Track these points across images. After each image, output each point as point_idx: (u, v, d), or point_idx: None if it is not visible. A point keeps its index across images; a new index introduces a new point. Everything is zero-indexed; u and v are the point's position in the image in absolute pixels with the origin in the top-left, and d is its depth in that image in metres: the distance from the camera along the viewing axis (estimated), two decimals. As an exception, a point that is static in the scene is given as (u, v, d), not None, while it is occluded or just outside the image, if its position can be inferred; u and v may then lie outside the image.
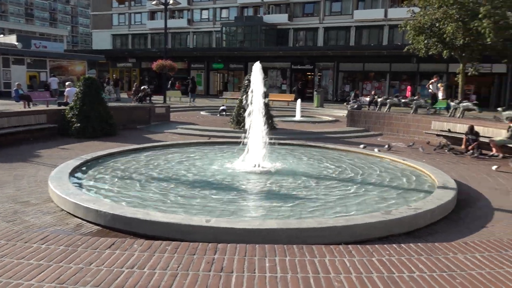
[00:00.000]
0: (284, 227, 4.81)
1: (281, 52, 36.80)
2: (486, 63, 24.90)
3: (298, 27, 43.22)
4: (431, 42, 22.21)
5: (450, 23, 20.40)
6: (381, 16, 38.82)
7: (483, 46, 20.99)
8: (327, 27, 41.70)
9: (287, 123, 17.68)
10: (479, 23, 19.44)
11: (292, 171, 8.28)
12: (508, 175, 8.86)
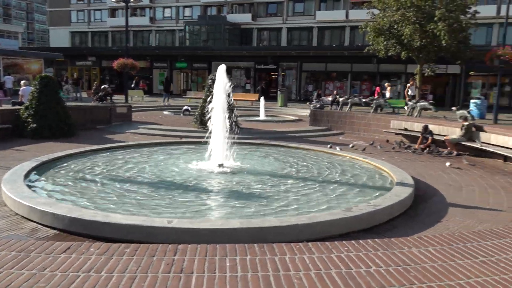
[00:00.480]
0: (247, 226, 4.81)
1: (245, 52, 36.86)
2: (441, 64, 25.92)
3: (262, 27, 43.42)
4: (390, 43, 22.90)
5: (407, 25, 21.11)
6: (343, 18, 39.62)
7: (438, 48, 21.85)
8: (290, 27, 42.12)
9: (251, 122, 17.74)
10: (434, 26, 20.25)
11: (255, 170, 8.31)
12: (461, 172, 9.26)
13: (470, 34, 22.80)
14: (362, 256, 2.70)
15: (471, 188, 7.83)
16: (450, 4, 21.14)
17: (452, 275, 2.46)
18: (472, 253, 2.82)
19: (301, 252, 2.74)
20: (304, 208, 5.97)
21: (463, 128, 11.74)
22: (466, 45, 22.24)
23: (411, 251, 2.82)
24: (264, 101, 21.17)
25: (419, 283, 2.34)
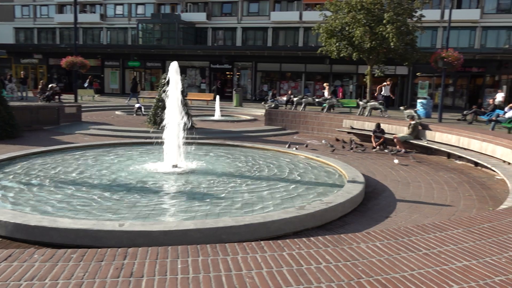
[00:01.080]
0: (201, 227, 4.78)
1: (199, 51, 36.54)
2: (390, 65, 26.91)
3: (217, 26, 43.22)
4: (342, 44, 23.49)
5: (358, 27, 21.76)
6: (297, 19, 40.20)
7: (387, 50, 22.68)
8: (245, 27, 42.21)
9: (206, 122, 17.63)
10: (383, 28, 21.00)
11: (210, 170, 8.27)
12: (409, 168, 9.67)
13: (416, 37, 23.82)
14: (312, 253, 2.76)
15: (417, 184, 8.20)
16: (398, 8, 22.00)
17: (397, 268, 2.57)
18: (416, 246, 2.95)
19: (254, 251, 2.75)
20: (259, 207, 6.01)
21: (410, 127, 12.26)
22: (413, 47, 23.22)
23: (360, 246, 2.91)
24: (219, 100, 21.10)
25: (366, 277, 2.42)
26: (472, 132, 11.09)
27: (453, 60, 19.28)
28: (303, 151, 10.67)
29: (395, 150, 11.77)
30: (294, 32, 41.14)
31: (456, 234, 3.26)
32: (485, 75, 32.32)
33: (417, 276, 2.46)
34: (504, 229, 3.42)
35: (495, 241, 3.10)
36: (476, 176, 9.22)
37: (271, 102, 23.28)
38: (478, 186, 8.28)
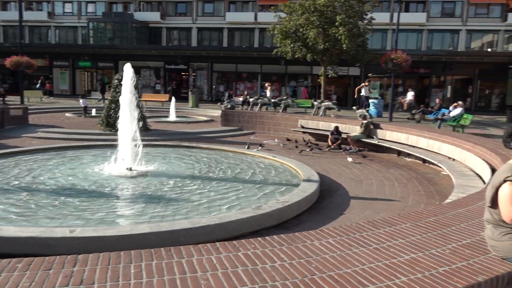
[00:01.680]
0: (157, 231, 4.70)
1: (154, 51, 35.86)
2: (343, 66, 27.63)
3: (171, 26, 42.58)
4: (296, 46, 23.83)
5: (312, 29, 22.16)
6: (252, 19, 40.37)
7: (340, 51, 23.24)
8: (200, 27, 41.87)
9: (162, 123, 17.34)
10: (336, 30, 21.52)
11: (166, 172, 8.15)
12: (362, 166, 9.98)
13: (367, 38, 24.59)
14: (268, 252, 2.78)
15: (370, 181, 8.47)
16: (349, 10, 22.62)
17: (349, 263, 2.65)
18: (367, 241, 3.06)
19: (209, 253, 2.74)
20: (216, 208, 5.99)
21: (362, 126, 12.65)
22: (364, 49, 23.95)
23: (313, 243, 2.97)
24: (175, 101, 20.82)
25: (319, 273, 2.48)
26: (420, 131, 11.60)
27: (401, 61, 20.08)
28: (259, 151, 10.74)
29: (349, 149, 12.10)
30: (249, 33, 41.30)
31: (405, 228, 3.40)
32: (432, 75, 33.91)
33: (367, 270, 2.54)
34: (448, 222, 3.61)
35: (440, 234, 3.27)
36: (424, 172, 9.66)
37: (227, 102, 23.26)
38: (426, 182, 8.68)
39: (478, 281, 2.46)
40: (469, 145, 9.11)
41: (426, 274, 2.52)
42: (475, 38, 38.28)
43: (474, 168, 8.23)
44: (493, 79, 32.66)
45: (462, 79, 34.09)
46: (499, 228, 2.81)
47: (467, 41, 38.01)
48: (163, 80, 37.14)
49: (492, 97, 34.12)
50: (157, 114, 20.87)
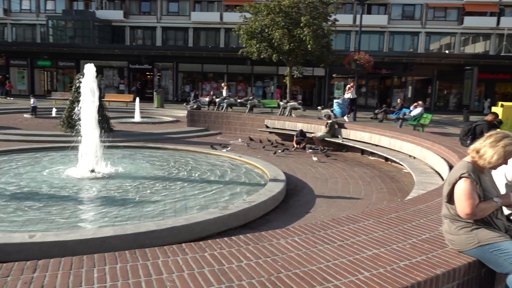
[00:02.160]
0: (121, 233, 4.61)
1: (117, 51, 35.07)
2: (308, 66, 27.99)
3: (135, 25, 41.78)
4: (262, 46, 23.96)
5: (277, 29, 22.34)
6: (217, 19, 40.24)
7: (305, 52, 23.56)
8: (165, 26, 41.32)
9: (126, 124, 17.00)
10: (301, 31, 21.79)
11: (130, 174, 8.00)
12: (327, 165, 10.15)
13: (331, 40, 25.05)
14: (234, 252, 2.79)
15: (335, 180, 8.63)
16: (314, 12, 22.97)
17: (314, 260, 2.69)
18: (331, 238, 3.12)
19: (175, 254, 2.72)
20: (182, 209, 5.94)
21: (327, 126, 12.87)
22: (328, 50, 24.37)
23: (279, 242, 3.00)
24: (139, 102, 20.45)
25: (285, 271, 2.51)
26: (382, 130, 11.92)
27: (364, 62, 20.57)
28: (225, 152, 10.72)
29: (314, 148, 12.27)
30: (215, 33, 41.13)
31: (368, 225, 3.49)
32: (393, 76, 34.92)
33: (332, 267, 2.60)
34: (409, 218, 3.73)
35: (401, 230, 3.38)
36: (386, 170, 9.93)
37: (193, 103, 23.08)
38: (388, 179, 8.93)
39: (436, 273, 2.56)
40: (429, 143, 9.44)
41: (388, 268, 2.60)
42: (434, 40, 39.73)
43: (433, 165, 8.54)
44: (450, 80, 34.00)
45: (422, 79, 35.32)
46: (456, 223, 2.93)
47: (426, 43, 39.39)
48: (127, 80, 36.42)
49: (450, 97, 35.52)
50: (121, 115, 20.45)
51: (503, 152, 2.79)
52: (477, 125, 9.22)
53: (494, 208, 2.83)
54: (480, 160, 2.87)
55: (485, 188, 2.88)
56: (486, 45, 38.96)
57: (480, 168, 2.92)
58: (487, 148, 2.83)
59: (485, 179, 2.95)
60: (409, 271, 2.57)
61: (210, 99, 24.34)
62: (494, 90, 33.66)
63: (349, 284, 2.37)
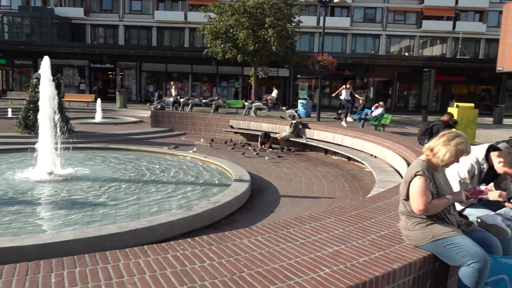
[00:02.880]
0: (82, 237, 4.49)
1: (77, 49, 34.05)
2: (273, 67, 28.20)
3: (96, 23, 40.73)
4: (227, 46, 23.92)
5: (242, 30, 22.36)
6: (182, 19, 39.84)
7: (270, 53, 23.70)
8: (127, 25, 40.50)
9: (87, 125, 16.55)
10: (265, 32, 21.91)
11: (91, 176, 7.80)
12: (291, 165, 10.27)
13: (295, 41, 25.34)
14: (197, 253, 2.79)
15: (299, 179, 8.75)
16: (278, 13, 23.16)
17: (277, 259, 2.73)
18: (293, 237, 3.17)
19: (136, 257, 2.69)
20: (146, 211, 5.85)
21: (291, 126, 13.02)
22: (292, 51, 24.64)
23: (242, 241, 3.02)
24: (101, 102, 19.94)
25: (248, 270, 2.53)
26: (345, 130, 12.19)
27: (327, 63, 20.93)
28: (190, 152, 10.64)
29: (280, 148, 12.39)
30: (179, 32, 40.72)
31: (329, 223, 3.57)
32: (356, 77, 35.72)
33: (294, 265, 2.64)
34: (369, 215, 3.85)
35: (360, 227, 3.47)
36: (349, 169, 10.16)
37: (157, 103, 22.75)
38: (351, 178, 9.14)
39: (393, 268, 2.65)
40: (389, 143, 9.73)
41: (348, 264, 2.68)
42: (394, 43, 40.99)
43: (393, 164, 8.82)
44: (410, 81, 35.17)
45: (383, 81, 36.36)
46: (412, 219, 3.05)
47: (387, 45, 40.59)
48: (88, 80, 35.45)
49: (409, 98, 36.74)
50: (82, 115, 19.88)
51: (455, 150, 2.93)
52: (434, 125, 9.59)
53: (446, 205, 2.96)
54: (434, 158, 3.00)
55: (438, 185, 3.01)
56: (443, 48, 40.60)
57: (434, 166, 3.05)
58: (440, 147, 2.97)
59: (439, 176, 3.08)
60: (368, 267, 2.65)
61: (175, 99, 24.07)
62: (451, 92, 35.10)
63: (310, 281, 2.42)
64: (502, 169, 3.54)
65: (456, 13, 39.82)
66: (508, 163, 3.47)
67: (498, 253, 3.05)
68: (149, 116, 17.34)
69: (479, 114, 15.31)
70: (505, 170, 3.52)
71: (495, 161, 3.60)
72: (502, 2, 34.96)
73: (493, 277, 2.99)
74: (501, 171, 3.57)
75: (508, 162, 3.47)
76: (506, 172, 3.53)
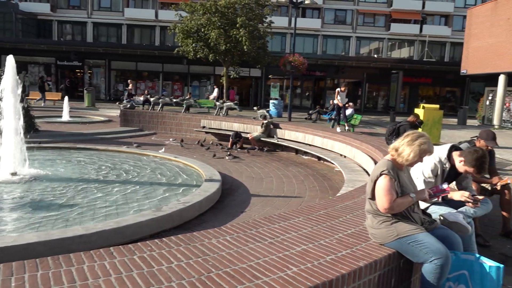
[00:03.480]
0: (46, 239, 4.35)
1: (43, 46, 33.05)
2: (245, 67, 28.23)
3: (64, 20, 39.65)
4: (198, 45, 23.77)
5: (213, 29, 22.28)
6: (152, 17, 39.32)
7: (241, 52, 23.72)
8: (96, 22, 39.63)
9: (53, 124, 16.07)
10: (237, 32, 21.91)
11: (57, 177, 7.58)
12: (262, 164, 10.30)
13: (267, 41, 25.45)
14: (164, 254, 2.76)
15: (270, 179, 8.79)
16: (250, 13, 23.20)
17: (245, 259, 2.73)
18: (262, 236, 3.18)
19: (102, 259, 2.63)
20: (114, 212, 5.74)
21: (263, 126, 13.07)
22: (264, 51, 24.74)
23: (211, 242, 3.01)
24: (68, 100, 19.41)
25: (216, 271, 2.52)
26: (316, 130, 12.33)
27: (299, 64, 21.13)
28: (161, 152, 10.51)
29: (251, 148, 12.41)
30: (150, 31, 40.17)
31: (298, 222, 3.60)
32: (326, 78, 36.23)
33: (262, 264, 2.65)
34: (337, 214, 3.91)
35: (328, 225, 3.52)
36: (319, 169, 10.29)
37: (126, 102, 22.34)
38: (321, 178, 9.26)
39: (359, 266, 2.70)
40: (358, 143, 9.91)
41: (315, 263, 2.71)
42: (364, 45, 41.81)
43: (362, 163, 8.99)
44: (378, 83, 35.96)
45: (353, 82, 36.99)
46: (377, 217, 3.12)
47: (357, 47, 41.36)
48: (55, 78, 34.46)
49: (378, 99, 37.55)
50: (48, 114, 19.29)
51: (418, 150, 3.02)
52: (401, 125, 9.82)
53: (410, 203, 3.05)
54: (399, 158, 3.08)
55: (403, 184, 3.10)
56: (411, 50, 41.70)
57: (399, 166, 3.13)
58: (405, 147, 3.05)
59: (403, 176, 3.16)
60: (335, 265, 2.69)
61: (145, 98, 23.71)
62: (418, 93, 36.10)
63: (278, 280, 2.44)
64: (463, 168, 3.67)
65: (423, 17, 41.00)
66: (468, 162, 3.60)
67: (459, 250, 3.16)
68: (118, 115, 17.02)
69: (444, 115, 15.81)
70: (466, 169, 3.65)
71: (456, 161, 3.73)
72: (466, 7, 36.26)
73: (454, 273, 3.10)
74: (462, 170, 3.70)
75: (469, 161, 3.60)
76: (467, 170, 3.66)
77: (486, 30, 24.88)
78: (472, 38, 26.31)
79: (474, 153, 3.59)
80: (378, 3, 40.52)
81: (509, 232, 5.05)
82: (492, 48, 24.10)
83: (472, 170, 3.61)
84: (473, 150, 3.65)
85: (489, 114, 25.84)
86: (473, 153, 3.59)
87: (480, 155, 3.56)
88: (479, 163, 3.55)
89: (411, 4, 40.17)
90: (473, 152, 3.61)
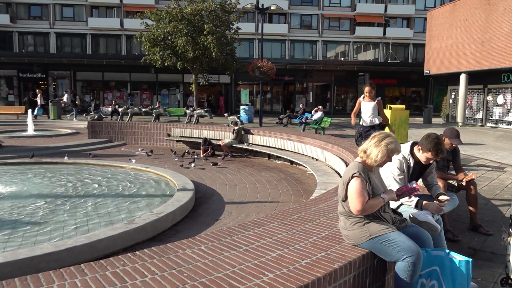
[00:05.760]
0: (12, 259, 4.18)
1: (4, 58, 32.00)
2: (214, 74, 28.19)
3: (25, 31, 38.51)
4: (165, 54, 23.58)
5: (180, 37, 22.17)
6: (118, 26, 38.73)
7: (210, 59, 23.70)
8: (59, 32, 38.68)
9: (17, 139, 15.55)
10: (204, 39, 21.87)
11: (23, 193, 7.32)
12: (235, 171, 10.28)
13: (235, 47, 25.52)
14: (138, 267, 2.70)
15: (243, 185, 8.77)
16: (216, 20, 23.22)
17: (220, 268, 2.71)
18: (237, 244, 3.16)
19: (72, 276, 2.55)
20: (84, 228, 5.59)
21: (234, 132, 13.05)
22: (232, 57, 24.80)
23: (185, 252, 2.97)
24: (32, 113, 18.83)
25: (191, 282, 2.48)
26: (287, 134, 12.40)
27: (267, 69, 21.28)
28: (131, 163, 10.32)
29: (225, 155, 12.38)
30: (115, 40, 39.54)
31: (272, 227, 3.60)
32: (295, 82, 36.61)
33: (238, 272, 2.64)
34: (310, 217, 3.93)
35: (302, 229, 3.54)
36: (292, 173, 10.35)
37: (94, 113, 21.88)
38: (294, 182, 9.31)
39: (334, 268, 2.73)
40: (328, 145, 10.03)
41: (291, 268, 2.71)
42: (330, 49, 42.50)
43: (333, 166, 9.10)
44: (346, 85, 36.64)
45: (322, 85, 37.55)
46: (350, 219, 3.16)
47: (324, 51, 42.00)
48: (17, 91, 33.38)
49: (347, 101, 38.21)
50: (12, 129, 18.65)
51: (386, 150, 3.08)
52: (369, 126, 10.01)
53: (381, 204, 3.10)
54: (368, 159, 3.13)
55: (374, 185, 3.15)
56: (376, 53, 42.70)
57: (369, 167, 3.19)
58: (373, 148, 3.11)
59: (374, 177, 3.22)
60: (310, 269, 2.70)
61: (113, 108, 23.29)
62: (384, 94, 36.97)
63: (254, 287, 2.43)
64: (423, 156, 3.81)
65: (385, 20, 42.10)
66: (424, 147, 3.76)
67: (430, 246, 3.23)
68: (86, 127, 16.63)
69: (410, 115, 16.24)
70: (426, 155, 3.78)
71: (417, 153, 3.86)
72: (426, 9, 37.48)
73: (426, 269, 3.18)
74: (423, 158, 3.83)
75: (425, 146, 3.75)
76: (427, 157, 3.78)
77: (445, 31, 25.80)
78: (433, 39, 27.22)
79: (427, 138, 3.79)
80: (342, 7, 41.35)
81: (476, 226, 5.22)
82: (452, 48, 25.00)
83: (430, 154, 3.75)
84: (425, 135, 3.82)
85: (452, 112, 26.75)
86: (426, 138, 3.80)
87: (432, 137, 3.75)
88: (433, 144, 3.71)
89: (374, 7, 41.22)
90: (426, 137, 3.82)
